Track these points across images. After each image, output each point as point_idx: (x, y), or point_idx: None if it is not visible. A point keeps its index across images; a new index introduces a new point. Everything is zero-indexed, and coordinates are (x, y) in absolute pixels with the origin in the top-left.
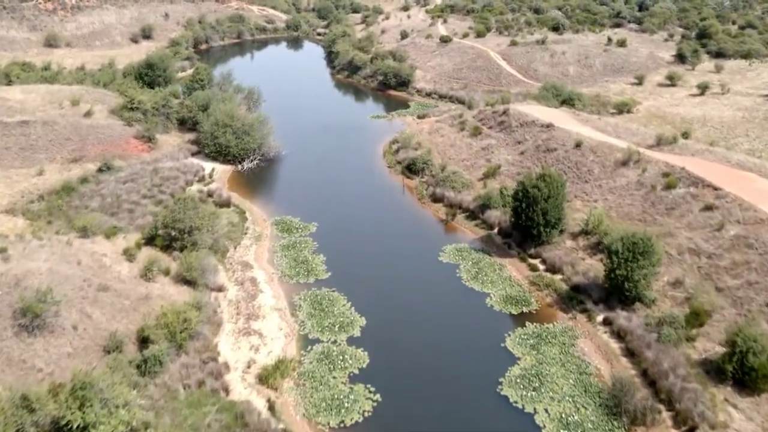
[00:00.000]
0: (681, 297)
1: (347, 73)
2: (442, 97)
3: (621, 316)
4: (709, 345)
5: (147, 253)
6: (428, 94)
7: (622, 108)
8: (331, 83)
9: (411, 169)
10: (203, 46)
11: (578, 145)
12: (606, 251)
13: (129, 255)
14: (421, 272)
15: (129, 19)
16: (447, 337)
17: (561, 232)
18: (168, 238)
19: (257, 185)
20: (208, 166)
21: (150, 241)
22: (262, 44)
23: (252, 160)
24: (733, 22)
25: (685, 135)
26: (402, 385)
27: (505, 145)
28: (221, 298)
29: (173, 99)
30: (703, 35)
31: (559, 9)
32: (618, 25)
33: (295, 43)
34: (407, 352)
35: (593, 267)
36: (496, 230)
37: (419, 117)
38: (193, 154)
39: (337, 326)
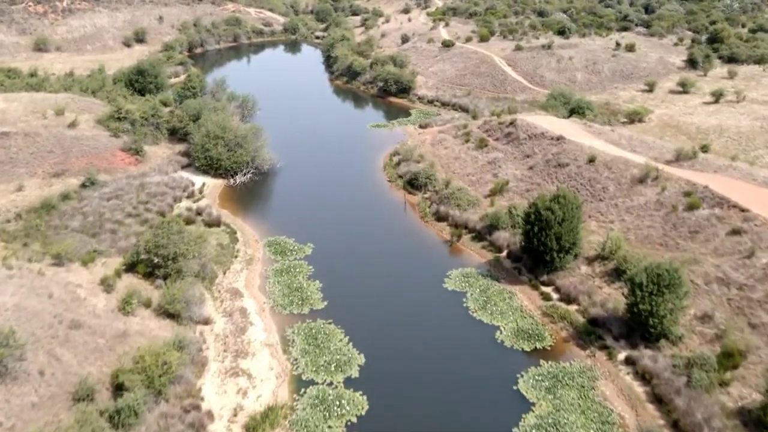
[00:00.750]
0: (711, 333)
1: (346, 79)
2: (444, 104)
3: (645, 356)
4: (746, 391)
5: (127, 281)
6: (430, 102)
7: (634, 117)
8: (330, 89)
9: (413, 184)
10: (198, 50)
11: (591, 161)
12: (628, 283)
13: (107, 285)
14: (425, 302)
15: (122, 22)
16: (454, 379)
17: (575, 256)
18: (150, 265)
19: (250, 201)
20: (198, 180)
21: (131, 267)
22: (259, 48)
23: (245, 174)
24: (743, 25)
25: (705, 148)
26: None
27: (513, 158)
28: (207, 332)
29: (164, 107)
30: (714, 39)
31: (564, 12)
32: (625, 29)
33: (293, 46)
34: (410, 397)
35: (612, 297)
36: (504, 253)
37: (421, 126)
38: (184, 167)
39: (333, 365)
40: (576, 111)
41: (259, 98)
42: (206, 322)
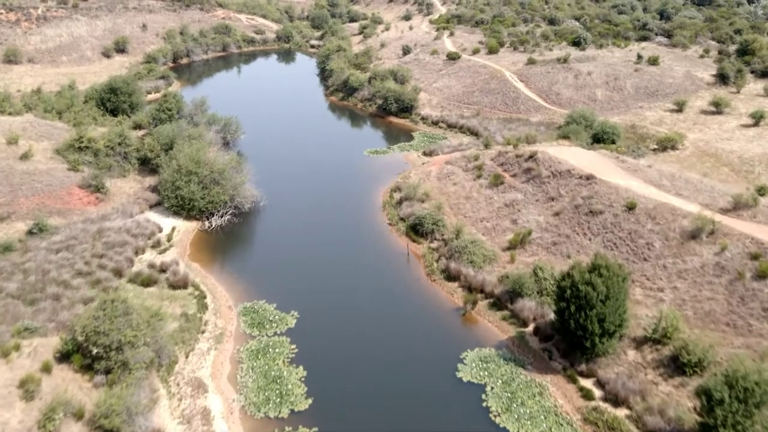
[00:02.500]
0: None
1: (342, 95)
2: (451, 126)
3: None
4: None
5: (59, 378)
6: (435, 123)
7: (666, 144)
8: (324, 105)
9: (417, 230)
10: (184, 61)
11: (631, 208)
12: (703, 398)
13: (27, 391)
14: (434, 400)
15: (102, 30)
16: None
17: (621, 337)
18: (89, 356)
19: (226, 250)
20: (167, 223)
21: (66, 357)
22: (250, 57)
23: (222, 216)
24: None
25: (762, 191)
26: None
27: (535, 201)
28: None
29: (134, 132)
30: (744, 51)
31: (577, 19)
32: (645, 39)
33: (287, 56)
34: None
35: (672, 399)
36: (531, 328)
37: (425, 154)
38: (153, 206)
39: None
40: (601, 137)
41: (245, 118)
42: None
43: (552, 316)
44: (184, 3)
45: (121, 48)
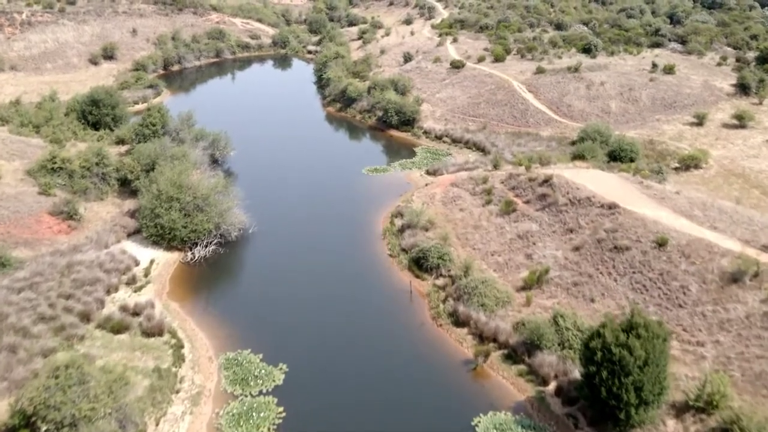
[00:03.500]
0: None
1: (340, 105)
2: (455, 141)
3: None
4: None
5: None
6: (438, 137)
7: (689, 162)
8: (321, 116)
9: (421, 264)
10: (175, 68)
11: (661, 244)
12: None
13: None
14: None
15: (89, 36)
16: None
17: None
18: None
19: (209, 287)
20: (145, 255)
21: (14, 431)
22: (245, 63)
23: (206, 246)
24: None
25: None
26: None
27: (552, 233)
28: None
29: (117, 148)
30: (765, 59)
31: (585, 24)
32: (657, 45)
33: (283, 61)
34: None
35: None
36: (552, 387)
37: (429, 173)
38: (131, 234)
39: None
40: (618, 155)
41: (237, 131)
42: None
43: (576, 373)
44: (176, 7)
45: (109, 54)
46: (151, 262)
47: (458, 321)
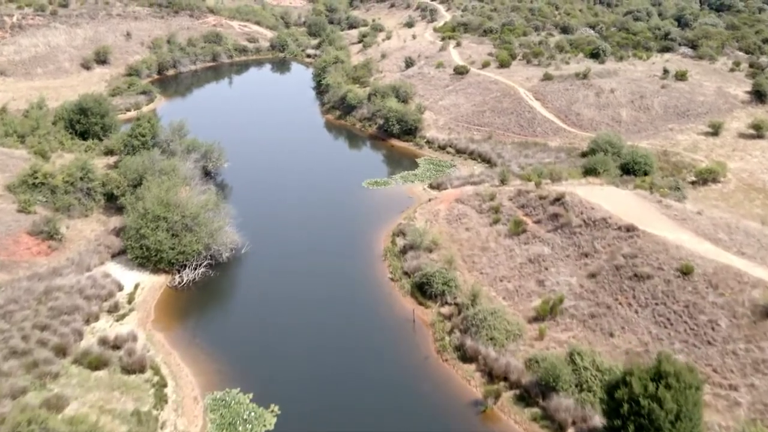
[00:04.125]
0: None
1: (339, 113)
2: (459, 151)
3: None
4: None
5: None
6: (442, 147)
7: (707, 176)
8: (320, 124)
9: (425, 290)
10: (170, 72)
11: (686, 273)
12: None
13: None
14: None
15: (82, 40)
16: None
17: None
18: None
19: (198, 314)
20: (130, 278)
21: None
22: (242, 67)
23: (195, 268)
24: None
25: None
26: None
27: (565, 257)
28: None
29: (105, 160)
30: None
31: (592, 27)
32: (667, 49)
33: (281, 65)
34: None
35: None
36: None
37: (432, 186)
38: (116, 255)
39: None
40: (631, 168)
41: (231, 139)
42: None
43: (596, 420)
44: (172, 9)
45: (102, 59)
46: (136, 286)
47: (465, 356)
